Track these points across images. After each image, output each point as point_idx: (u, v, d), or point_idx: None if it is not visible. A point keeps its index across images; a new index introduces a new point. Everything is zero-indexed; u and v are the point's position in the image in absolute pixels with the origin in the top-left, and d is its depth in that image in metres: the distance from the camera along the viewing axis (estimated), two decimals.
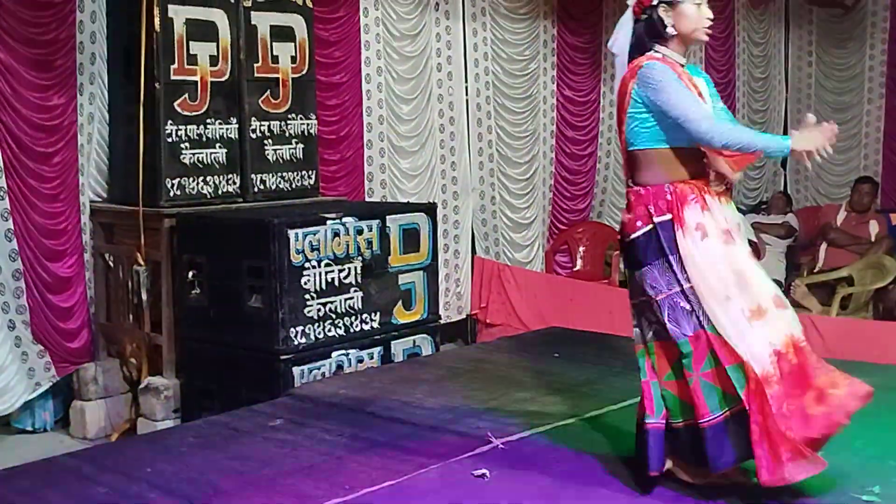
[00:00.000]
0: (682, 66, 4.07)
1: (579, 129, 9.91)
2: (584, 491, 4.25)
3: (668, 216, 3.94)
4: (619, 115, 4.12)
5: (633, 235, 4.02)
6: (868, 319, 8.64)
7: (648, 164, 4.04)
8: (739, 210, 10.22)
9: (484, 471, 4.41)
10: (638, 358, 4.14)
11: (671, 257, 3.94)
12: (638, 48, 4.10)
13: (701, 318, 3.90)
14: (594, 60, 9.94)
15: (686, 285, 3.91)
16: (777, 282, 9.49)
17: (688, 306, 3.91)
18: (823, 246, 9.79)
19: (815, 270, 9.64)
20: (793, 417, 3.81)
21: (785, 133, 7.30)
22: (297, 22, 7.27)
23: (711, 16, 4.05)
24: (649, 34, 4.07)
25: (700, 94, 4.03)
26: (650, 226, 3.97)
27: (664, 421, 4.06)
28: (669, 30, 4.02)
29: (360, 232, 6.40)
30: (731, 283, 3.89)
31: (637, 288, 4.08)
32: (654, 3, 4.03)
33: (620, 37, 4.20)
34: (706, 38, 4.13)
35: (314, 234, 6.15)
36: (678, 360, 3.96)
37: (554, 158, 9.73)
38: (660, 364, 4.05)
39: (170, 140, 6.62)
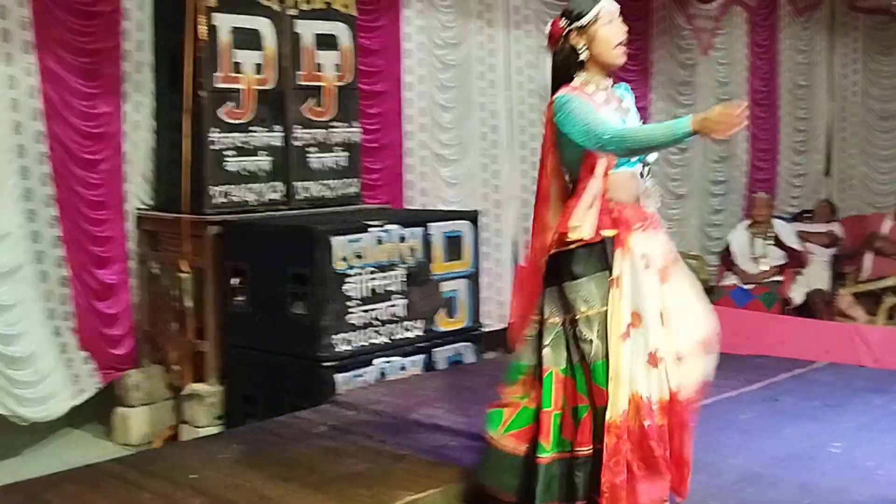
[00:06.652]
0: (608, 88, 3.97)
1: None
2: None
3: (613, 232, 3.84)
4: (548, 147, 3.99)
5: (573, 245, 3.83)
6: None
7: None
8: (783, 219, 10.22)
9: None
10: (544, 382, 3.92)
11: (608, 274, 3.82)
12: (559, 80, 3.95)
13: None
14: (642, 69, 9.90)
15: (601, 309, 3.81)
16: (821, 291, 9.46)
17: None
18: (869, 255, 9.69)
19: (860, 280, 9.54)
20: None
21: None
22: (340, 30, 7.29)
23: (625, 28, 3.93)
24: (566, 64, 3.94)
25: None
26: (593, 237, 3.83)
27: (556, 453, 3.90)
28: (583, 55, 3.90)
29: (403, 239, 6.41)
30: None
31: (560, 303, 3.91)
32: (565, 31, 3.93)
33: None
34: (621, 61, 3.96)
35: (358, 242, 6.16)
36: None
37: None
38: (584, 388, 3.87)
39: (214, 148, 6.65)
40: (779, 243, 9.31)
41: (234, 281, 6.42)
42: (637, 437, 3.75)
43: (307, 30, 7.10)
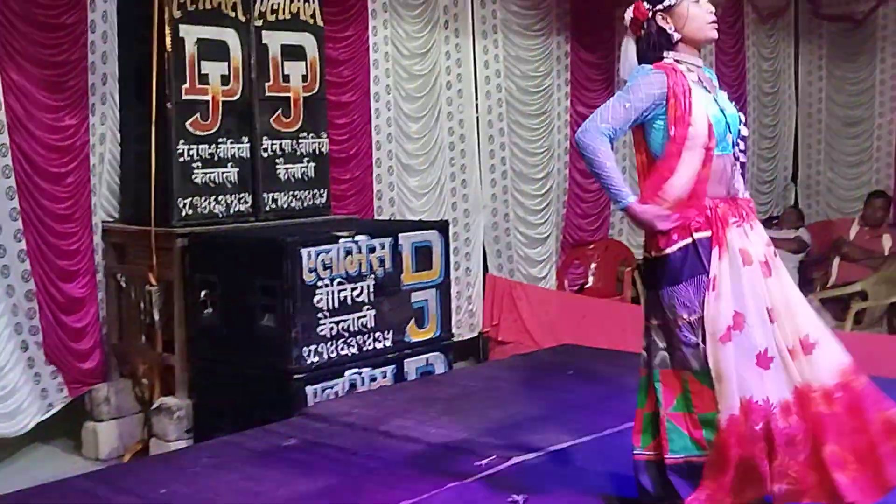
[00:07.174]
0: (700, 66, 3.86)
1: None
2: None
3: (708, 233, 3.69)
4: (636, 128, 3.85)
5: (668, 250, 3.71)
6: (883, 334, 8.59)
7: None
8: None
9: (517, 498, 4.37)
10: (640, 383, 3.94)
11: (706, 277, 3.67)
12: (647, 62, 3.83)
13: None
14: (608, 76, 9.93)
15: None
16: None
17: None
18: (836, 260, 9.75)
19: (828, 285, 9.60)
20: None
21: None
22: (307, 41, 7.28)
23: (713, 9, 3.80)
24: (654, 48, 3.83)
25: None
26: (688, 240, 3.70)
27: (652, 453, 3.88)
28: (674, 35, 3.79)
29: (372, 250, 6.39)
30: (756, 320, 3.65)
31: (659, 308, 3.79)
32: (650, 14, 3.83)
33: (626, 61, 3.96)
34: (715, 35, 3.84)
35: (327, 253, 6.14)
36: (684, 390, 3.75)
37: (568, 175, 9.71)
38: (665, 394, 3.78)
39: (182, 160, 6.61)
40: None
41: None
42: (748, 442, 3.62)
43: (274, 41, 7.08)
